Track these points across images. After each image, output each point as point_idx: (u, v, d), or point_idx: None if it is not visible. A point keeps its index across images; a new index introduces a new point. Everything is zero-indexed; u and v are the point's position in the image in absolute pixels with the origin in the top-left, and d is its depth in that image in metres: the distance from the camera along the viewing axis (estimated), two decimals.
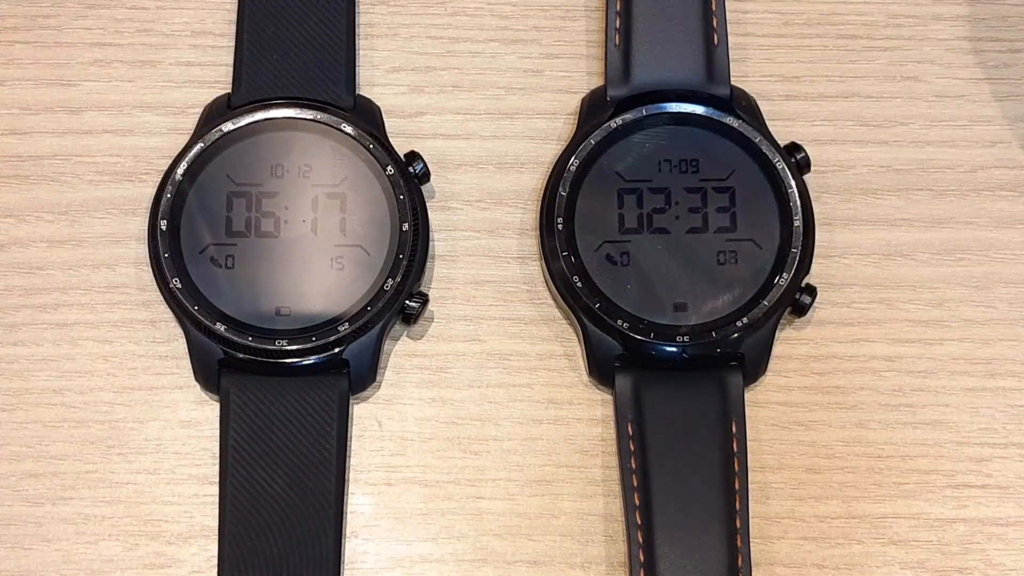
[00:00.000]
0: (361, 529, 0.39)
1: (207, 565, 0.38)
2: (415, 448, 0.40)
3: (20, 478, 0.39)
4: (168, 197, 0.39)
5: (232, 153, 0.39)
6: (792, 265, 0.39)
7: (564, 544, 0.39)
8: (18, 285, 0.40)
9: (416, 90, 0.43)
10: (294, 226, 0.39)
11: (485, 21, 0.43)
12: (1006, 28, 0.44)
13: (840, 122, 0.43)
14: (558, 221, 0.39)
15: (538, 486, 0.39)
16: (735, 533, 0.37)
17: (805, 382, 0.40)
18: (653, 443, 0.38)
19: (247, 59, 0.40)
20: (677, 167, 0.40)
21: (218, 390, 0.38)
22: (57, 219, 0.41)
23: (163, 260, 0.38)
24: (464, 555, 0.39)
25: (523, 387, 0.40)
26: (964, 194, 0.42)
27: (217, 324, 0.38)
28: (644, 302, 0.39)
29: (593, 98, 0.41)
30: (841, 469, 0.40)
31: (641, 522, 0.37)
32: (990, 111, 0.43)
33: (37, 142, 0.42)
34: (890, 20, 0.44)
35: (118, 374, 0.40)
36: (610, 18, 0.42)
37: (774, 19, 0.44)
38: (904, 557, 0.39)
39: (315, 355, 0.38)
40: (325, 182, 0.39)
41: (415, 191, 0.40)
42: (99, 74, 0.42)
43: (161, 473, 0.39)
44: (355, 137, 0.39)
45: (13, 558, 0.38)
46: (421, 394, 0.40)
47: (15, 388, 0.40)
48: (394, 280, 0.38)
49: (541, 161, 0.42)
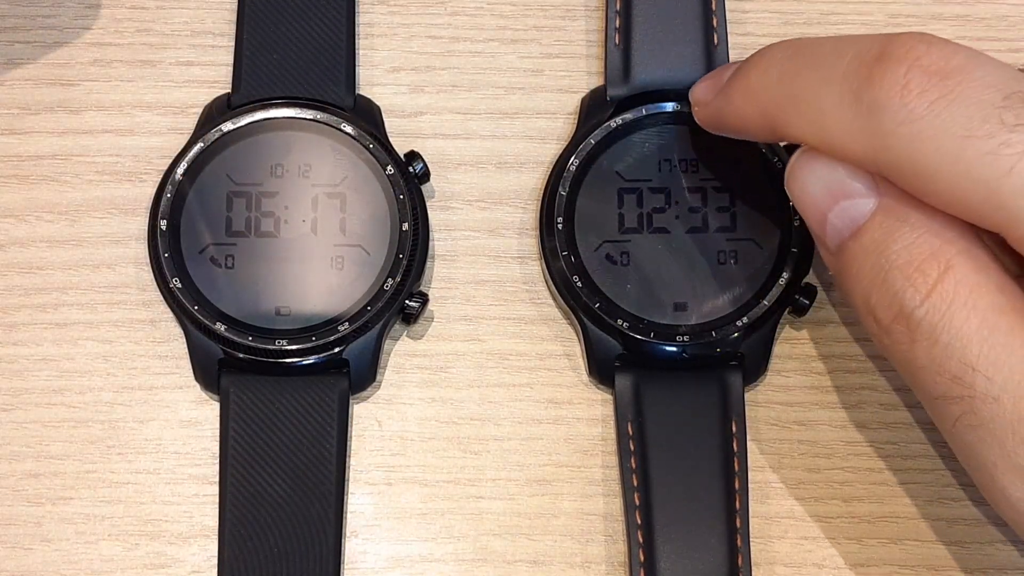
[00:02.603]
0: (361, 529, 0.39)
1: (207, 565, 0.38)
2: (415, 448, 0.40)
3: (20, 478, 0.39)
4: (168, 197, 0.39)
5: (232, 153, 0.39)
6: (792, 265, 0.39)
7: (564, 544, 0.39)
8: (18, 285, 0.40)
9: (416, 90, 0.43)
10: (294, 226, 0.39)
11: (485, 21, 0.43)
12: (1006, 28, 0.44)
13: None
14: (558, 221, 0.39)
15: (538, 486, 0.39)
16: (735, 533, 0.37)
17: (805, 382, 0.40)
18: (653, 443, 0.38)
19: (247, 59, 0.41)
20: (677, 167, 0.40)
21: (218, 390, 0.38)
22: (57, 219, 0.41)
23: (163, 260, 0.38)
24: (464, 555, 0.39)
25: (523, 387, 0.40)
26: None
27: (217, 324, 0.38)
28: (644, 302, 0.39)
29: (593, 98, 0.42)
30: (841, 469, 0.40)
31: (641, 522, 0.37)
32: None
33: (37, 142, 0.42)
34: (890, 20, 0.44)
35: (118, 374, 0.40)
36: (610, 18, 0.42)
37: (774, 19, 0.44)
38: (904, 557, 0.39)
39: (315, 355, 0.38)
40: (325, 182, 0.39)
41: (415, 191, 0.40)
42: (99, 74, 0.42)
43: (161, 473, 0.39)
44: (355, 137, 0.39)
45: (13, 558, 0.38)
46: (421, 394, 0.40)
47: (15, 388, 0.40)
48: (394, 280, 0.38)
49: (541, 161, 0.42)
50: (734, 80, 0.35)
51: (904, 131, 0.30)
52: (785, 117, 0.33)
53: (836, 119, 0.31)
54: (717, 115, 0.36)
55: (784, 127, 0.33)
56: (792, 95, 0.32)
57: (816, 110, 0.32)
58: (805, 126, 0.32)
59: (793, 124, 0.33)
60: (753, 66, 0.34)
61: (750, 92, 0.34)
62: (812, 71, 0.32)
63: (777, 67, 0.33)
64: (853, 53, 0.31)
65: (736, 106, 0.35)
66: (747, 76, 0.34)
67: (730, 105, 0.35)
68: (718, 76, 0.37)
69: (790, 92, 0.32)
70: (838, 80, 0.31)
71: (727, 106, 0.35)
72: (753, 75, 0.34)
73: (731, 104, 0.35)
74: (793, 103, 0.32)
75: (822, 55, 0.32)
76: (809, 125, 0.32)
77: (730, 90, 0.35)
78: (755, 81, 0.34)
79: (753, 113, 0.34)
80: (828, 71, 0.31)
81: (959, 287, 0.30)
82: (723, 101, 0.36)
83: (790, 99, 0.32)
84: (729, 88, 0.35)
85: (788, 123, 0.33)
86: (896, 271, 0.31)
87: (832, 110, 0.31)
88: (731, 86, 0.35)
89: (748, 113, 0.34)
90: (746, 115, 0.35)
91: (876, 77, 0.30)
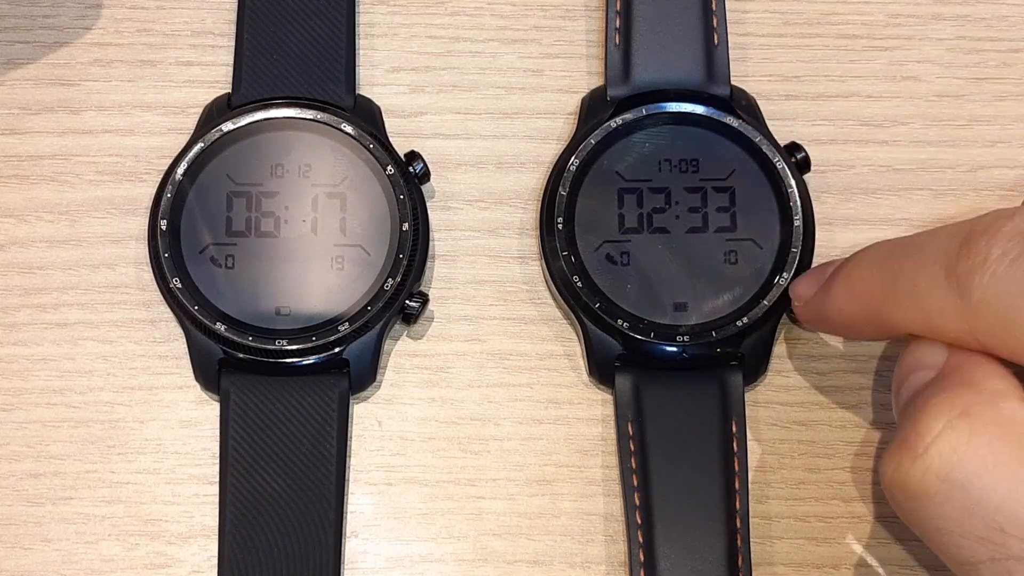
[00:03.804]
0: (361, 529, 0.39)
1: (207, 565, 0.38)
2: (415, 448, 0.40)
3: (20, 478, 0.39)
4: (168, 197, 0.39)
5: (232, 153, 0.39)
6: (792, 265, 0.39)
7: (564, 544, 0.39)
8: (18, 285, 0.40)
9: (416, 90, 0.43)
10: (294, 226, 0.39)
11: (485, 21, 0.43)
12: (1006, 28, 0.44)
13: (840, 122, 0.43)
14: (558, 221, 0.39)
15: (538, 486, 0.39)
16: (735, 532, 0.37)
17: (805, 382, 0.40)
18: (653, 443, 0.38)
19: (247, 59, 0.41)
20: (677, 167, 0.40)
21: (218, 390, 0.38)
22: (57, 219, 0.41)
23: (163, 260, 0.38)
24: (464, 555, 0.39)
25: (523, 387, 0.40)
26: (964, 194, 0.42)
27: (217, 324, 0.38)
28: (644, 302, 0.39)
29: (593, 98, 0.42)
30: (841, 469, 0.40)
31: (641, 522, 0.37)
32: (990, 111, 0.43)
33: (37, 142, 0.42)
34: (890, 20, 0.44)
35: (118, 374, 0.40)
36: (610, 18, 0.42)
37: (774, 19, 0.44)
38: (904, 557, 0.39)
39: (315, 355, 0.38)
40: (325, 182, 0.39)
41: (415, 191, 0.40)
42: (99, 74, 0.42)
43: (161, 473, 0.39)
44: (355, 137, 0.39)
45: (13, 558, 0.38)
46: (421, 394, 0.40)
47: (15, 388, 0.40)
48: (394, 280, 0.38)
49: (541, 161, 0.42)
50: (836, 276, 0.35)
51: (991, 294, 0.30)
52: (887, 308, 0.33)
53: (933, 300, 0.31)
54: (819, 311, 0.36)
55: (887, 319, 0.33)
56: (892, 285, 0.33)
57: (913, 295, 0.32)
58: (906, 313, 0.32)
59: (895, 313, 0.33)
60: (855, 264, 0.35)
61: (852, 288, 0.34)
62: (908, 259, 0.32)
63: (879, 263, 0.34)
64: (944, 236, 0.32)
65: (839, 303, 0.35)
66: (849, 274, 0.35)
67: (834, 303, 0.35)
68: (819, 273, 0.37)
69: (890, 283, 0.33)
70: (930, 263, 0.31)
71: (831, 304, 0.35)
72: (855, 273, 0.34)
73: (834, 302, 0.35)
74: (893, 293, 0.33)
75: (917, 245, 0.32)
76: (909, 311, 0.32)
77: (832, 286, 0.35)
78: (856, 277, 0.34)
79: (856, 309, 0.34)
80: (922, 257, 0.32)
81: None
82: (826, 298, 0.36)
83: (890, 290, 0.33)
84: (831, 284, 0.35)
85: (890, 313, 0.33)
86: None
87: (928, 292, 0.31)
88: (833, 282, 0.35)
89: (851, 309, 0.34)
90: (850, 311, 0.35)
91: (963, 253, 0.31)
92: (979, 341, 0.31)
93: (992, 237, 0.30)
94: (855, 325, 0.35)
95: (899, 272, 0.32)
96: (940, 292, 0.31)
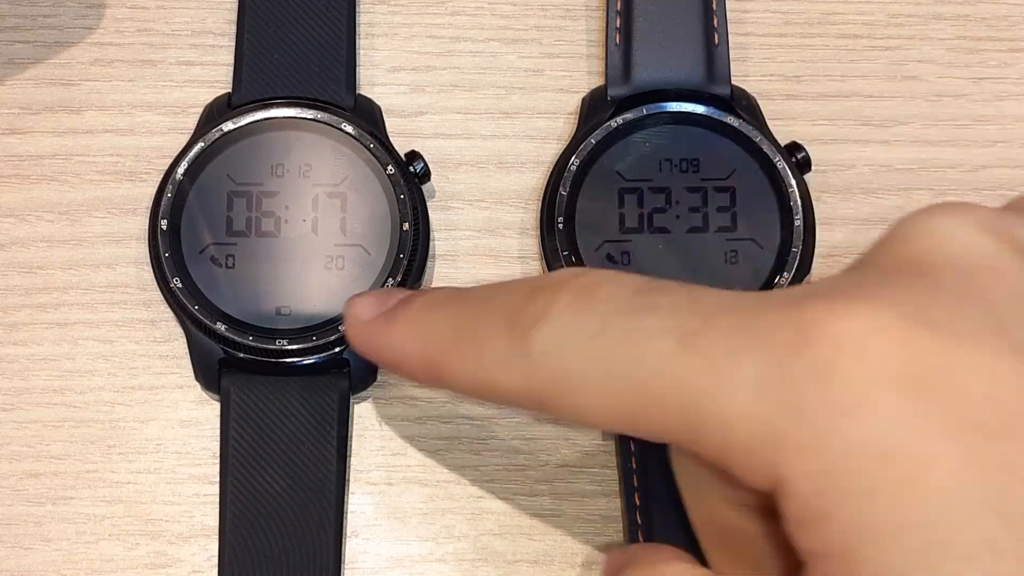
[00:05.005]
0: (361, 529, 0.39)
1: (207, 565, 0.38)
2: (415, 448, 0.40)
3: (20, 478, 0.39)
4: (168, 197, 0.39)
5: (232, 152, 0.39)
6: (793, 264, 0.39)
7: (565, 544, 0.39)
8: (18, 285, 0.40)
9: (416, 90, 0.43)
10: (294, 226, 0.39)
11: (485, 21, 0.43)
12: (1006, 28, 0.44)
13: (841, 122, 0.43)
14: (559, 221, 0.39)
15: (539, 486, 0.39)
16: None
17: None
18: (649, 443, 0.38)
19: (247, 58, 0.41)
20: (678, 167, 0.40)
21: (218, 390, 0.38)
22: (57, 219, 0.41)
23: (163, 260, 0.38)
24: (464, 555, 0.39)
25: None
26: (964, 194, 0.42)
27: (217, 324, 0.38)
28: None
29: (593, 98, 0.42)
30: None
31: (641, 522, 0.37)
32: (990, 111, 0.43)
33: (37, 142, 0.42)
34: (890, 20, 0.44)
35: (118, 374, 0.40)
36: (610, 17, 0.42)
37: (774, 18, 0.44)
38: None
39: (316, 355, 0.38)
40: (325, 181, 0.39)
41: (415, 191, 0.40)
42: (99, 74, 0.42)
43: (161, 473, 0.39)
44: (355, 137, 0.39)
45: (13, 558, 0.38)
46: (421, 393, 0.40)
47: (15, 388, 0.40)
48: (394, 279, 0.38)
49: (541, 161, 0.42)
50: (403, 309, 0.31)
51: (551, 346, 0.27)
52: (446, 357, 0.30)
53: (492, 351, 0.28)
54: (374, 339, 0.32)
55: (445, 368, 0.30)
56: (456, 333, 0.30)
57: (474, 345, 0.29)
58: (465, 364, 0.29)
59: (451, 364, 0.29)
60: (427, 303, 0.31)
61: (416, 327, 0.31)
62: (477, 306, 0.30)
63: (450, 306, 0.30)
64: (514, 286, 0.29)
65: (398, 338, 0.31)
66: (418, 313, 0.31)
67: (391, 336, 0.31)
68: (384, 298, 0.33)
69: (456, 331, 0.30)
70: (495, 311, 0.29)
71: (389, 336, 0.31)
72: (424, 313, 0.31)
73: (393, 335, 0.31)
74: (455, 342, 0.29)
75: (490, 293, 0.30)
76: (468, 362, 0.29)
77: (396, 318, 0.31)
78: (424, 318, 0.31)
79: (415, 349, 0.30)
80: (490, 304, 0.29)
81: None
82: (385, 327, 0.32)
83: (453, 338, 0.30)
84: (396, 315, 0.31)
85: (448, 363, 0.30)
86: None
87: (488, 342, 0.28)
88: (398, 314, 0.31)
89: (411, 349, 0.31)
90: (410, 350, 0.31)
91: (529, 303, 0.28)
92: (535, 398, 0.28)
93: (559, 288, 0.28)
94: (410, 368, 0.31)
95: (467, 320, 0.29)
96: (500, 343, 0.28)
